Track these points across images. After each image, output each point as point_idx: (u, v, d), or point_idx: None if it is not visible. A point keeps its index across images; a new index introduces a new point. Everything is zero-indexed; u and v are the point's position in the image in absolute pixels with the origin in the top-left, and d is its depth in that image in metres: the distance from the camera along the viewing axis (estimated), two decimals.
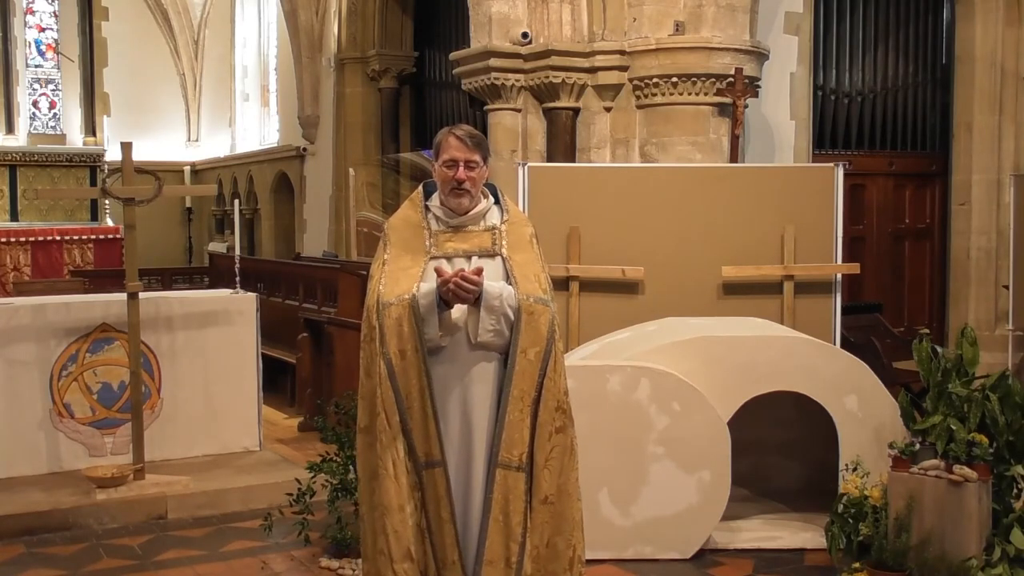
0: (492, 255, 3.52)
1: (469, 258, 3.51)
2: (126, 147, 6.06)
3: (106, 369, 6.43)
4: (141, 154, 7.06)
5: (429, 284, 3.40)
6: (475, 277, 3.34)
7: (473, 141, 3.51)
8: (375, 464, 3.43)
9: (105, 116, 17.76)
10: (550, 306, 3.47)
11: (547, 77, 7.90)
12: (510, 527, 3.38)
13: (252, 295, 7.02)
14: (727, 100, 7.59)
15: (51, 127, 17.74)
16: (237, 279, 7.19)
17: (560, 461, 3.46)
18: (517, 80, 8.08)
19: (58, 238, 14.06)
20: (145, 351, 6.34)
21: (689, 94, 7.63)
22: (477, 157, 3.50)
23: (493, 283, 3.40)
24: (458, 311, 3.41)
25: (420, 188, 3.68)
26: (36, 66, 17.75)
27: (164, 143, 17.98)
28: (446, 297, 3.35)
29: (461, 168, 3.48)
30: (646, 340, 5.37)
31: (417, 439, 3.38)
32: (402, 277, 3.45)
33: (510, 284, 3.45)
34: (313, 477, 5.08)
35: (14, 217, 16.35)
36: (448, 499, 3.37)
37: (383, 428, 3.38)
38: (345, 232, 11.83)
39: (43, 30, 17.80)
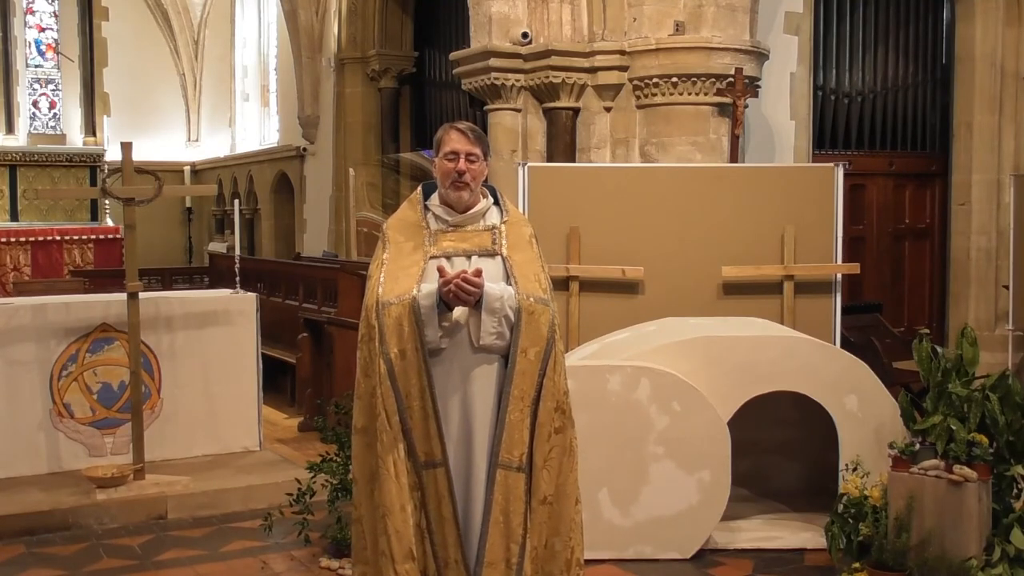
0: (492, 254, 3.51)
1: (469, 257, 3.50)
2: (126, 147, 6.07)
3: (106, 369, 6.44)
4: (141, 154, 7.06)
5: (430, 285, 3.39)
6: (476, 279, 3.33)
7: (474, 135, 3.54)
8: (375, 465, 3.42)
9: (105, 116, 17.76)
10: (550, 306, 3.47)
11: (547, 77, 7.90)
12: (510, 528, 3.37)
13: (252, 295, 7.01)
14: (727, 100, 7.59)
15: (51, 127, 17.74)
16: (237, 279, 7.19)
17: (559, 461, 3.46)
18: (517, 80, 8.08)
19: (58, 238, 14.06)
20: (145, 351, 6.34)
21: (689, 94, 7.62)
22: (478, 150, 3.51)
23: (493, 285, 3.39)
24: (459, 311, 3.41)
25: (419, 189, 3.67)
26: (36, 66, 17.74)
27: (164, 143, 17.98)
28: (447, 298, 3.34)
29: (462, 160, 3.48)
30: (646, 340, 5.37)
31: (417, 439, 3.37)
32: (402, 276, 3.44)
33: (510, 284, 3.45)
34: (313, 477, 5.08)
35: (14, 217, 16.34)
36: (451, 498, 3.36)
37: (384, 428, 3.37)
38: (345, 232, 11.83)
39: (43, 30, 17.80)
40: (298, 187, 14.85)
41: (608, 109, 7.99)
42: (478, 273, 3.35)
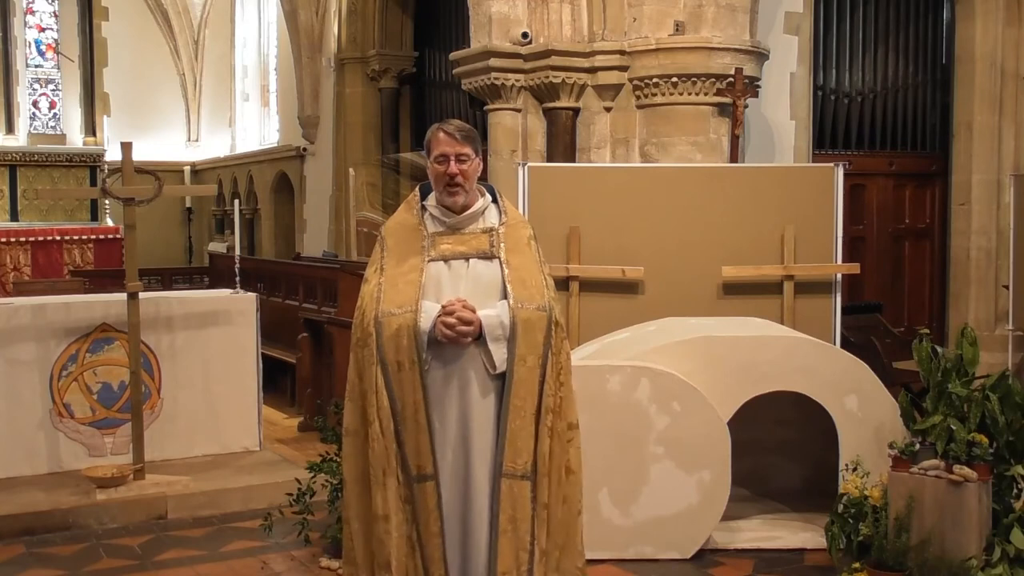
0: (490, 257, 3.48)
1: (467, 260, 3.47)
2: (126, 147, 6.06)
3: (106, 369, 6.43)
4: (141, 154, 7.06)
5: (432, 305, 3.36)
6: (470, 320, 3.31)
7: (462, 134, 3.47)
8: (365, 471, 3.42)
9: (105, 116, 17.78)
10: (547, 311, 3.42)
11: (547, 77, 7.90)
12: (519, 536, 3.36)
13: (252, 295, 7.01)
14: (727, 100, 7.59)
15: (51, 127, 17.75)
16: (237, 279, 7.19)
17: (562, 465, 3.45)
18: (517, 80, 8.08)
19: (58, 238, 14.07)
20: (145, 351, 6.34)
21: (689, 94, 7.62)
22: (467, 150, 3.46)
23: (490, 312, 3.36)
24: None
25: (416, 190, 3.64)
26: (36, 66, 17.76)
27: (164, 143, 17.99)
28: (443, 339, 3.33)
29: (452, 162, 3.44)
30: (646, 340, 5.37)
31: (409, 452, 3.34)
32: (401, 283, 3.41)
33: (505, 289, 3.43)
34: (313, 477, 5.08)
35: (14, 217, 16.38)
36: (438, 513, 3.34)
37: (376, 436, 3.36)
38: (345, 232, 11.83)
39: (43, 30, 17.81)
40: (298, 187, 14.85)
41: (608, 109, 7.99)
42: (468, 316, 3.33)
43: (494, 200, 3.62)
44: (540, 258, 3.59)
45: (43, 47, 17.81)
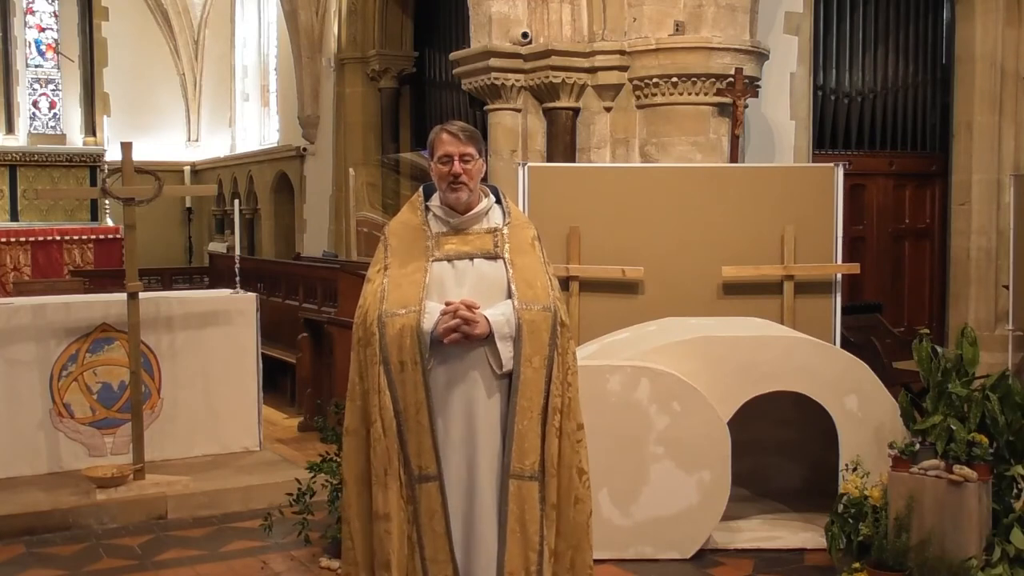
0: (494, 257, 3.48)
1: (472, 259, 3.47)
2: (126, 147, 6.06)
3: (106, 369, 6.43)
4: (141, 154, 7.06)
5: (435, 305, 3.35)
6: (474, 315, 3.31)
7: (466, 135, 3.48)
8: (365, 470, 3.42)
9: (105, 116, 17.78)
10: (551, 310, 3.42)
11: (547, 77, 7.90)
12: (527, 536, 3.35)
13: (252, 295, 7.01)
14: (727, 100, 7.59)
15: (51, 127, 17.75)
16: (237, 279, 7.19)
17: (570, 466, 3.44)
18: (517, 80, 8.08)
19: (58, 238, 14.07)
20: (145, 351, 6.34)
21: (689, 94, 7.62)
22: (471, 150, 3.47)
23: (496, 312, 3.36)
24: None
25: (420, 191, 3.64)
26: (36, 66, 17.76)
27: (164, 143, 17.99)
28: (449, 341, 3.32)
29: (456, 162, 3.44)
30: (646, 340, 5.37)
31: (412, 452, 3.34)
32: (405, 283, 3.41)
33: (510, 288, 3.43)
34: (313, 477, 5.08)
35: (14, 217, 16.38)
36: (443, 513, 3.34)
37: (377, 437, 3.35)
38: (345, 232, 11.84)
39: (43, 30, 17.81)
40: (298, 187, 14.85)
41: (608, 109, 7.99)
42: (471, 315, 3.32)
43: (498, 201, 3.63)
44: (544, 259, 3.59)
45: (43, 47, 17.81)
